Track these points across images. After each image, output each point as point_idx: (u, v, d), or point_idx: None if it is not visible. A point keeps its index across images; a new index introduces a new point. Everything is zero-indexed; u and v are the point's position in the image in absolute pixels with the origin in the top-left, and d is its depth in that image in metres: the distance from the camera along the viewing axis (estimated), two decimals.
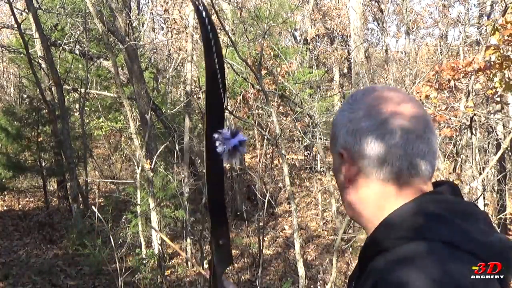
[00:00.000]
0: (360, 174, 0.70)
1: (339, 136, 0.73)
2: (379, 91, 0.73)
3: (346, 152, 0.71)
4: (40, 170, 8.11)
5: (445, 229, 0.62)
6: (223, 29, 5.43)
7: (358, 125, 0.70)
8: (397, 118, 0.67)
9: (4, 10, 16.42)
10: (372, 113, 0.69)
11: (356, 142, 0.70)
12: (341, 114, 0.74)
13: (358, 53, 11.41)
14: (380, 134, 0.67)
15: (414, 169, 0.68)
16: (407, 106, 0.69)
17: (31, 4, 7.10)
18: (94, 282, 6.10)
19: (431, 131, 0.70)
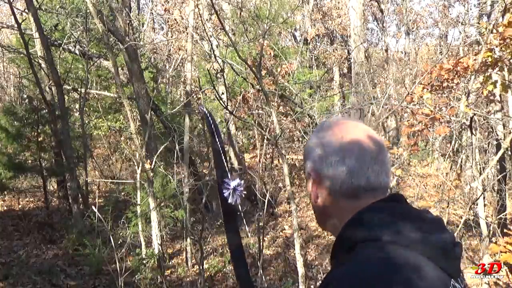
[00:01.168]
0: (326, 191, 0.83)
1: (309, 160, 0.86)
2: (342, 123, 0.87)
3: (313, 173, 0.85)
4: (40, 170, 8.11)
5: (387, 230, 0.73)
6: (223, 29, 5.43)
7: (323, 151, 0.83)
8: (354, 144, 0.82)
9: (4, 10, 16.43)
10: (333, 140, 0.83)
11: (322, 165, 0.83)
12: (310, 141, 0.88)
13: (358, 53, 11.40)
14: (341, 158, 0.81)
15: (370, 186, 0.81)
16: (364, 133, 0.84)
17: (31, 4, 7.10)
18: (94, 282, 6.10)
19: (384, 154, 0.83)
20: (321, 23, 14.66)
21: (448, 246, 0.76)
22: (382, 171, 0.82)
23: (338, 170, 0.81)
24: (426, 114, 3.43)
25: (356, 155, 0.81)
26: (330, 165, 0.82)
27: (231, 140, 9.58)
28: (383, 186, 0.82)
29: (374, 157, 0.81)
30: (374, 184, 0.81)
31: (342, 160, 0.81)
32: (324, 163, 0.83)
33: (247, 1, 9.53)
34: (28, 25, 8.72)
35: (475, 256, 7.00)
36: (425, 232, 0.74)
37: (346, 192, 0.81)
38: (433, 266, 0.72)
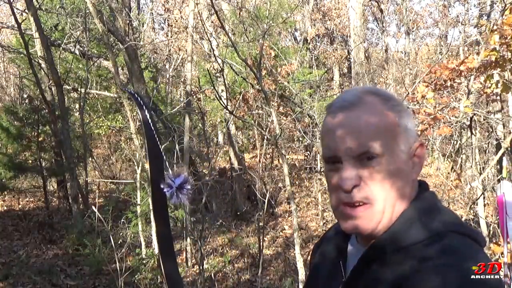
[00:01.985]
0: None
1: (413, 130, 0.78)
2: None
3: (419, 141, 0.78)
4: (40, 170, 8.11)
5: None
6: (223, 29, 5.43)
7: (409, 121, 0.77)
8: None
9: (4, 10, 16.42)
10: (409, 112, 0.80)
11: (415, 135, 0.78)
12: (405, 111, 0.79)
13: (358, 53, 11.40)
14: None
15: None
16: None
17: (31, 4, 7.10)
18: (94, 282, 6.10)
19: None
20: (321, 23, 14.65)
21: None
22: None
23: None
24: (428, 113, 3.43)
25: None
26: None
27: (231, 140, 9.58)
28: None
29: None
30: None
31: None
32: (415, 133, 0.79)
33: (247, 1, 9.53)
34: (28, 25, 8.72)
35: None
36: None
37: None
38: None
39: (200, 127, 11.70)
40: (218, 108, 10.18)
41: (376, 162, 0.72)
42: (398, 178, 0.74)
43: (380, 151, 0.72)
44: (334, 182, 0.75)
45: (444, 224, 0.73)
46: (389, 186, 0.73)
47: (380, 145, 0.72)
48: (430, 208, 0.76)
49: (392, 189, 0.73)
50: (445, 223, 0.73)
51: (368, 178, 0.72)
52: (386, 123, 0.74)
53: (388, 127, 0.74)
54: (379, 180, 0.72)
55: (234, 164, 9.42)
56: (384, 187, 0.73)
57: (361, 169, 0.73)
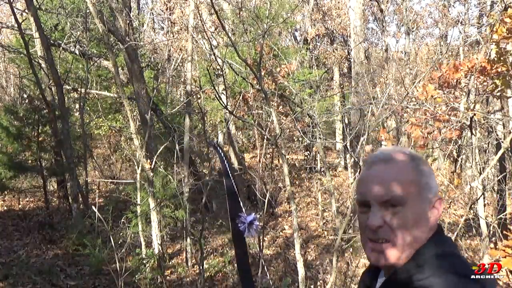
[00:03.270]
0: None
1: (433, 185, 0.92)
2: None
3: (439, 200, 0.92)
4: (40, 170, 8.11)
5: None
6: (223, 29, 5.43)
7: (433, 178, 0.93)
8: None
9: (4, 10, 16.43)
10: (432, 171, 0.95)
11: (436, 189, 0.93)
12: (427, 168, 0.93)
13: (358, 53, 11.40)
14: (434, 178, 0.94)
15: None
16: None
17: (31, 4, 7.10)
18: (94, 282, 6.10)
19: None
20: (321, 23, 14.65)
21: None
22: None
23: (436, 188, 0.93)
24: (432, 113, 3.42)
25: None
26: (435, 184, 0.93)
27: (231, 140, 9.58)
28: None
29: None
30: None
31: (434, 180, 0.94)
32: (435, 183, 0.93)
33: (247, 1, 9.53)
34: (28, 25, 8.72)
35: (475, 256, 6.99)
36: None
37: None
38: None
39: (200, 127, 11.70)
40: (218, 108, 10.18)
41: (398, 209, 0.87)
42: (416, 225, 0.88)
43: (402, 200, 0.87)
44: (364, 222, 0.91)
45: (456, 272, 0.83)
46: (408, 230, 0.87)
47: (402, 196, 0.88)
48: (445, 253, 0.88)
49: (410, 233, 0.88)
50: (458, 272, 0.83)
51: (390, 221, 0.88)
52: (409, 178, 0.89)
53: (410, 181, 0.89)
54: (400, 224, 0.87)
55: (234, 164, 9.42)
56: (403, 230, 0.87)
57: (385, 213, 0.88)
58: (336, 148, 14.28)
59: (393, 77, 10.84)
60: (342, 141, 9.46)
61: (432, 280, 0.81)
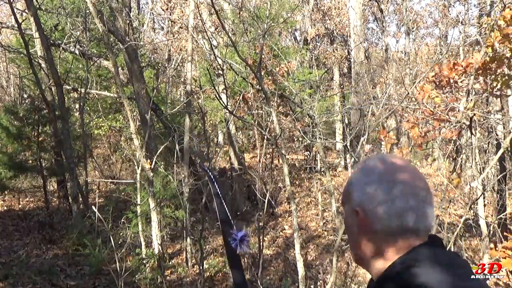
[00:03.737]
0: (371, 230, 0.83)
1: (355, 196, 0.87)
2: (390, 160, 0.88)
3: (360, 210, 0.84)
4: (40, 170, 8.11)
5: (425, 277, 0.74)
6: (223, 29, 5.43)
7: (373, 188, 0.83)
8: (405, 184, 0.82)
9: (4, 10, 16.43)
10: (385, 179, 0.83)
11: (370, 202, 0.83)
12: (356, 178, 0.89)
13: (358, 53, 11.40)
14: (392, 199, 0.81)
15: (417, 228, 0.81)
16: (414, 174, 0.85)
17: (31, 4, 7.10)
18: (94, 282, 6.10)
19: (431, 196, 0.84)
20: (321, 23, 14.65)
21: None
22: (430, 213, 0.83)
23: (387, 210, 0.81)
24: (431, 113, 3.42)
25: (407, 196, 0.81)
26: (379, 204, 0.82)
27: (231, 140, 9.58)
28: (428, 228, 0.83)
29: (423, 199, 0.82)
30: (421, 227, 0.81)
31: (393, 200, 0.81)
32: (373, 201, 0.83)
33: (247, 1, 9.53)
34: (28, 25, 8.72)
35: (475, 256, 6.99)
36: (463, 279, 0.76)
37: (392, 233, 0.81)
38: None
39: (200, 127, 11.69)
40: (218, 108, 10.18)
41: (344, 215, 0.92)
42: (348, 232, 0.90)
43: (343, 207, 0.92)
44: None
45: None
46: (347, 233, 0.91)
47: (342, 203, 0.93)
48: (405, 267, 0.79)
49: (348, 236, 0.91)
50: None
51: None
52: (345, 188, 0.92)
53: (345, 191, 0.91)
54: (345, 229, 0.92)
55: (234, 164, 9.42)
56: (347, 232, 0.92)
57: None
58: (336, 148, 14.28)
59: (393, 77, 10.85)
60: (342, 141, 9.46)
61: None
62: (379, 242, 0.83)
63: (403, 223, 0.80)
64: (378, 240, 0.83)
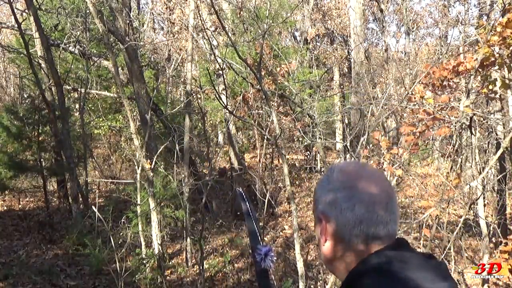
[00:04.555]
0: (334, 236, 0.86)
1: (320, 202, 0.89)
2: (352, 169, 0.90)
3: (323, 217, 0.87)
4: (40, 170, 8.11)
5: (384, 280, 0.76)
6: (223, 29, 5.43)
7: (335, 196, 0.85)
8: (365, 191, 0.83)
9: (4, 10, 16.43)
10: (345, 186, 0.85)
11: (332, 210, 0.85)
12: (321, 184, 0.91)
13: (358, 53, 11.40)
14: (352, 205, 0.83)
15: (378, 235, 0.82)
16: (375, 180, 0.86)
17: (31, 4, 7.10)
18: (94, 282, 6.10)
19: (394, 201, 0.86)
20: (321, 23, 14.66)
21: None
22: (391, 220, 0.84)
23: (347, 217, 0.83)
24: (428, 113, 3.42)
25: (366, 203, 0.82)
26: (340, 211, 0.84)
27: (231, 140, 9.58)
28: (391, 234, 0.84)
29: (383, 206, 0.83)
30: (381, 233, 0.82)
31: (353, 207, 0.83)
32: (334, 208, 0.85)
33: (247, 1, 9.53)
34: (28, 25, 8.73)
35: (475, 256, 7.00)
36: (432, 281, 0.76)
37: (354, 239, 0.83)
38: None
39: (200, 127, 11.70)
40: (218, 108, 10.18)
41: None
42: (316, 237, 0.91)
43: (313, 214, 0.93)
44: None
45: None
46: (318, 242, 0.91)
47: (313, 210, 0.94)
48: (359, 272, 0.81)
49: (319, 245, 0.91)
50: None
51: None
52: (314, 196, 0.92)
53: (314, 198, 0.92)
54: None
55: (234, 164, 9.42)
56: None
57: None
58: (336, 148, 14.27)
59: (393, 77, 10.85)
60: (342, 141, 9.46)
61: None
62: (342, 247, 0.84)
63: (364, 230, 0.82)
64: (341, 245, 0.85)
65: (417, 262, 0.79)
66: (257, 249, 1.21)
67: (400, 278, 0.75)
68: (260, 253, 1.19)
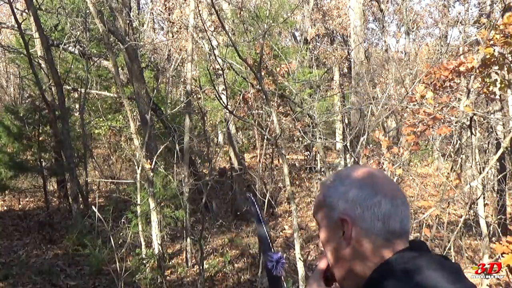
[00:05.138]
0: (358, 236, 0.83)
1: (337, 205, 0.85)
2: (363, 168, 0.90)
3: (348, 217, 0.83)
4: (40, 170, 8.11)
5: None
6: (223, 29, 5.43)
7: (358, 194, 0.83)
8: (386, 187, 0.84)
9: (4, 10, 16.44)
10: (366, 183, 0.84)
11: (356, 208, 0.83)
12: (334, 188, 0.88)
13: (358, 53, 11.41)
14: (378, 202, 0.82)
15: (403, 230, 0.82)
16: (386, 178, 0.87)
17: (31, 4, 7.10)
18: (94, 282, 6.10)
19: (404, 201, 0.85)
20: (321, 23, 14.66)
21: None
22: (408, 216, 0.85)
23: (376, 213, 0.81)
24: (428, 113, 3.43)
25: (390, 198, 0.82)
26: (366, 209, 0.82)
27: (231, 140, 9.57)
28: (408, 229, 0.84)
29: (403, 201, 0.84)
30: (405, 228, 0.83)
31: (379, 203, 0.82)
32: (359, 207, 0.82)
33: (247, 1, 9.53)
34: (28, 25, 8.73)
35: (475, 256, 7.00)
36: (447, 283, 0.76)
37: (378, 237, 0.81)
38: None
39: (200, 127, 11.70)
40: (218, 108, 10.18)
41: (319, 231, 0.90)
42: (327, 244, 0.88)
43: (317, 221, 0.91)
44: None
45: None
46: (325, 248, 0.89)
47: (316, 217, 0.91)
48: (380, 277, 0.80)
49: (327, 250, 0.89)
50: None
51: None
52: (318, 200, 0.91)
53: (318, 203, 0.90)
54: (322, 243, 0.90)
55: (234, 164, 9.42)
56: (324, 247, 0.90)
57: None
58: (336, 148, 14.28)
59: (393, 77, 10.84)
60: (342, 141, 9.46)
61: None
62: (366, 248, 0.82)
63: (390, 226, 0.81)
64: (365, 246, 0.82)
65: (436, 263, 0.79)
66: (269, 256, 1.21)
67: (421, 279, 0.75)
68: (271, 260, 1.18)
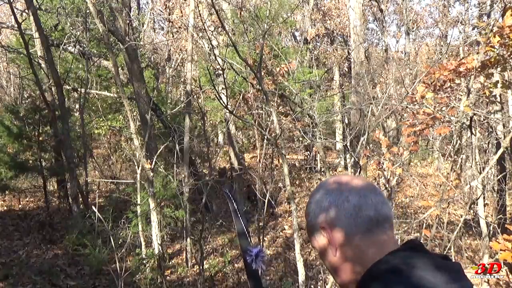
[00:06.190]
0: (341, 235, 0.85)
1: (316, 214, 0.90)
2: (334, 178, 0.93)
3: (326, 224, 0.87)
4: (40, 170, 8.11)
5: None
6: (223, 29, 5.43)
7: (328, 199, 0.88)
8: (351, 185, 0.87)
9: (4, 10, 16.44)
10: (333, 188, 0.89)
11: (331, 212, 0.86)
12: (312, 199, 0.93)
13: (358, 53, 11.41)
14: (345, 197, 0.86)
15: (380, 216, 0.84)
16: (355, 178, 0.90)
17: (31, 4, 7.10)
18: (94, 282, 6.10)
19: (378, 188, 0.89)
20: (321, 23, 14.66)
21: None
22: (384, 202, 0.87)
23: (346, 208, 0.85)
24: (428, 113, 3.43)
25: (357, 191, 0.86)
26: (338, 208, 0.85)
27: (231, 140, 9.57)
28: (389, 216, 0.86)
29: (372, 191, 0.87)
30: (381, 213, 0.85)
31: (347, 198, 0.86)
32: (332, 209, 0.86)
33: (247, 1, 9.53)
34: (28, 25, 8.73)
35: (475, 256, 7.00)
36: (445, 283, 0.76)
37: (360, 227, 0.83)
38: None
39: (200, 127, 11.69)
40: (218, 108, 10.18)
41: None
42: (321, 251, 0.90)
43: (314, 247, 0.93)
44: None
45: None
46: (319, 255, 0.91)
47: (311, 241, 0.93)
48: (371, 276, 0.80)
49: (330, 271, 0.90)
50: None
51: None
52: (307, 210, 0.94)
53: (307, 212, 0.94)
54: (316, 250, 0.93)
55: (234, 164, 9.42)
56: (319, 255, 0.92)
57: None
58: (336, 148, 14.28)
59: (393, 77, 10.84)
60: (342, 141, 9.46)
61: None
62: (352, 248, 0.84)
63: (364, 214, 0.83)
64: (351, 246, 0.84)
65: (432, 263, 0.78)
66: (248, 250, 1.21)
67: (415, 279, 0.75)
68: (251, 254, 1.18)
